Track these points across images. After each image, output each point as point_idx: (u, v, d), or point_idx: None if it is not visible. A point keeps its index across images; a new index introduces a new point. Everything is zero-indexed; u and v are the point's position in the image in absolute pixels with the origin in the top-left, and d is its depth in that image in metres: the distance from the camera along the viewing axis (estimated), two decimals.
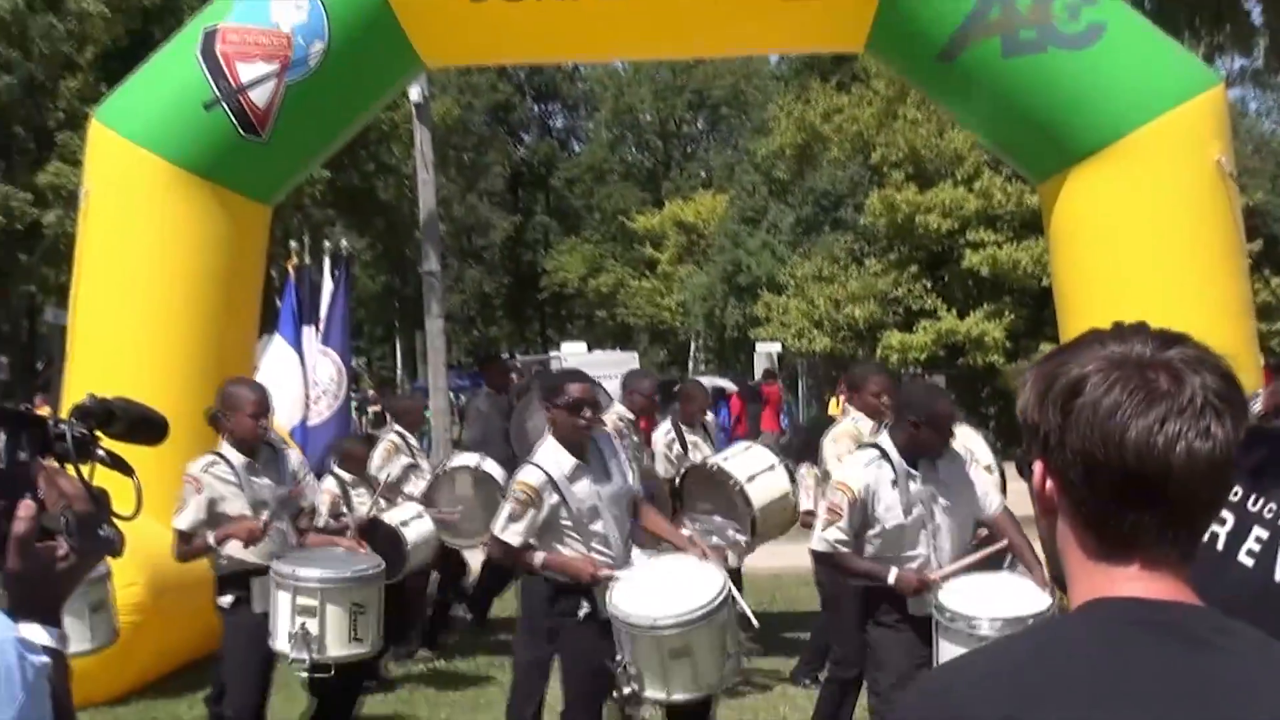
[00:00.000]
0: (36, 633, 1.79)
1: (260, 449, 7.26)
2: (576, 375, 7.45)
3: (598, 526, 6.72)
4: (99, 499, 1.92)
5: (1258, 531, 2.56)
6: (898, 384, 11.31)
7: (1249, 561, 2.53)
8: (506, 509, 6.71)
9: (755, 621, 7.12)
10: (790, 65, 42.32)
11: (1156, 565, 1.63)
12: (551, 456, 6.76)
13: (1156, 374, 1.61)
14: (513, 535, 6.64)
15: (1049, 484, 1.70)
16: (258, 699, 7.22)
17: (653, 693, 6.49)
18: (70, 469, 1.93)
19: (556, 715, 7.20)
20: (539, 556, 6.68)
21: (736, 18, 10.58)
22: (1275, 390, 3.05)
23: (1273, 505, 2.54)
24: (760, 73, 52.68)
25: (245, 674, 7.20)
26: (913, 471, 6.62)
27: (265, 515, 6.94)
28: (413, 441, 11.23)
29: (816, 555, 7.08)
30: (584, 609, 6.62)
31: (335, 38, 10.31)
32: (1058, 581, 1.76)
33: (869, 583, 6.73)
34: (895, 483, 6.59)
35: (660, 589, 6.56)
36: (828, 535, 6.68)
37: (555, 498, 6.62)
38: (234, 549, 6.99)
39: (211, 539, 6.94)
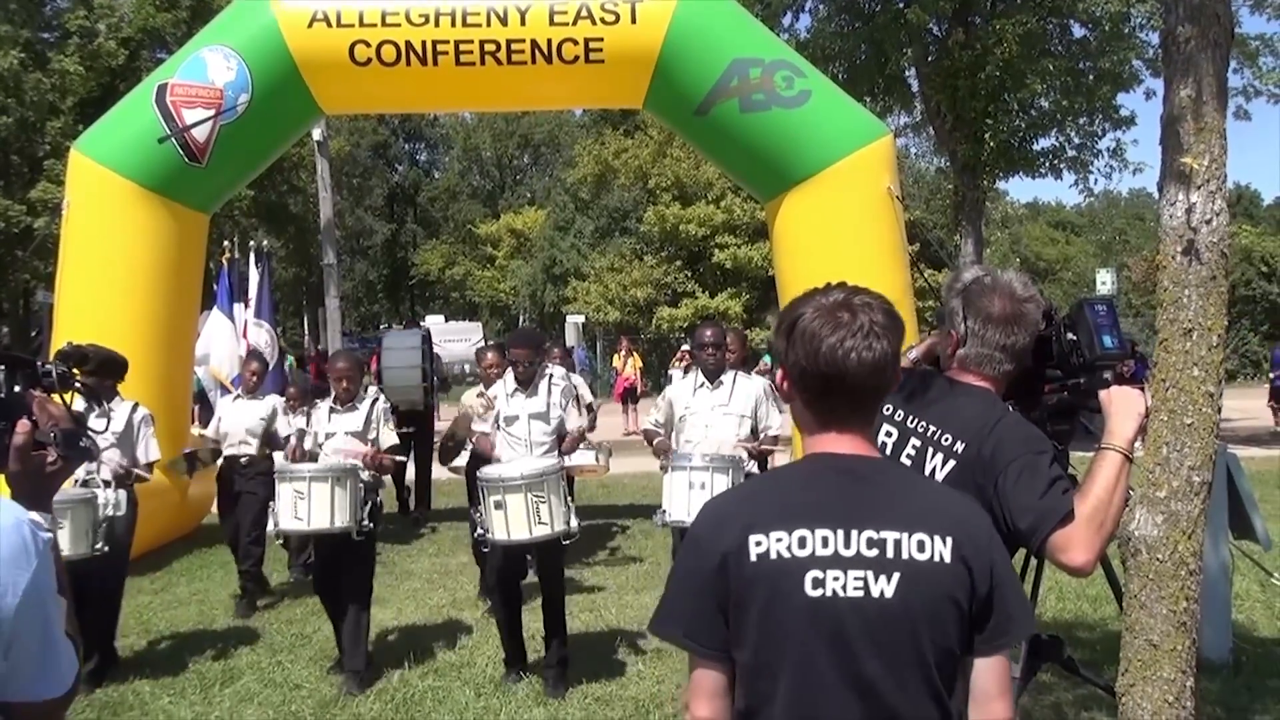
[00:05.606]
0: (37, 518, 1.75)
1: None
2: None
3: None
4: (78, 419, 1.89)
5: (913, 441, 2.69)
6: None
7: (908, 462, 2.66)
8: None
9: None
10: (590, 117, 42.18)
11: (845, 431, 1.92)
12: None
13: (843, 312, 1.90)
14: None
15: (786, 384, 1.98)
16: None
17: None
18: (55, 397, 1.89)
19: None
20: None
21: (551, 82, 10.51)
22: (929, 345, 3.19)
23: (923, 422, 2.67)
24: (569, 122, 52.43)
25: None
26: (709, 385, 6.84)
27: None
28: None
29: (645, 432, 7.30)
30: None
31: (257, 92, 10.05)
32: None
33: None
34: (695, 391, 6.87)
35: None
36: (648, 420, 7.22)
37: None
38: None
39: None
